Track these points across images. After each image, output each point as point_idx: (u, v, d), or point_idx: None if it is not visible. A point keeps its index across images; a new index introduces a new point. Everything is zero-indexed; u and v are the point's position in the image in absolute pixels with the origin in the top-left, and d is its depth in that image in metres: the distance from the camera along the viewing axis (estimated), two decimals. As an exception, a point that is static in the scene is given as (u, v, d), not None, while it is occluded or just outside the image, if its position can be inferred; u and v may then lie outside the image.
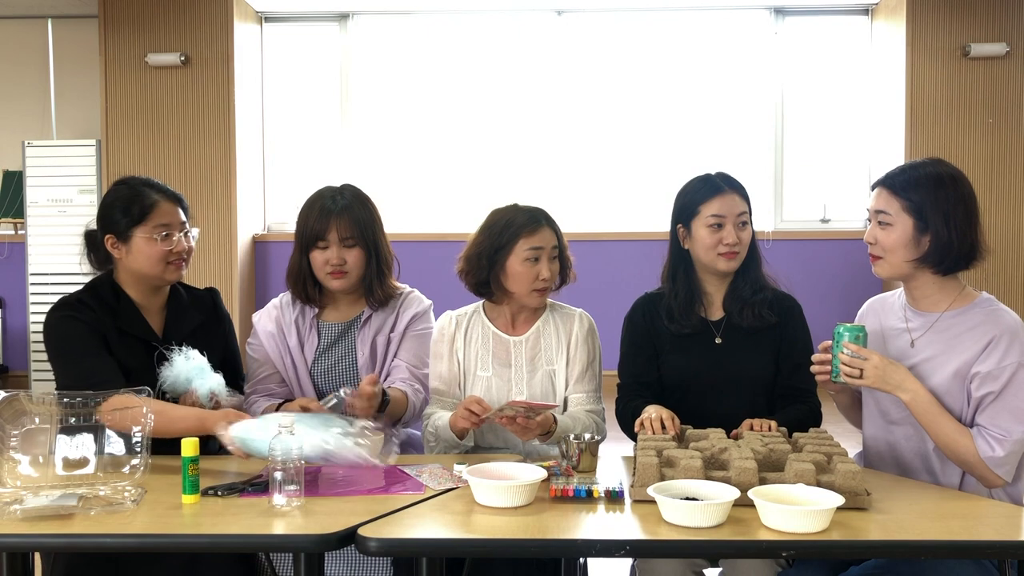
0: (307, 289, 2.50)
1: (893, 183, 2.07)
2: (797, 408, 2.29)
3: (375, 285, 2.48)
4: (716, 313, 2.40)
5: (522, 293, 2.37)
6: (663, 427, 2.12)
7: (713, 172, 2.42)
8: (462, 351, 2.43)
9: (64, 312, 2.28)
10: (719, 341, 2.37)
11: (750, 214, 2.40)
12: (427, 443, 2.39)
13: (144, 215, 2.30)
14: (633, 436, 2.19)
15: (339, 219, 2.43)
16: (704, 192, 2.37)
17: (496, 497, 1.78)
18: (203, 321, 2.45)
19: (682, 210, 2.39)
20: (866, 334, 2.03)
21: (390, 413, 2.35)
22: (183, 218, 2.37)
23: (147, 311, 2.38)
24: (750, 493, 1.70)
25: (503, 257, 2.36)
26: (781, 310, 2.38)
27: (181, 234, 2.34)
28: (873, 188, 2.14)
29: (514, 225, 2.36)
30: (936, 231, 2.00)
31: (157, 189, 2.36)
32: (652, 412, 2.17)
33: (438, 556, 1.75)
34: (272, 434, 1.83)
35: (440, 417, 2.34)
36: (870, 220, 2.12)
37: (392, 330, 2.52)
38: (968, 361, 1.99)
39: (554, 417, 2.24)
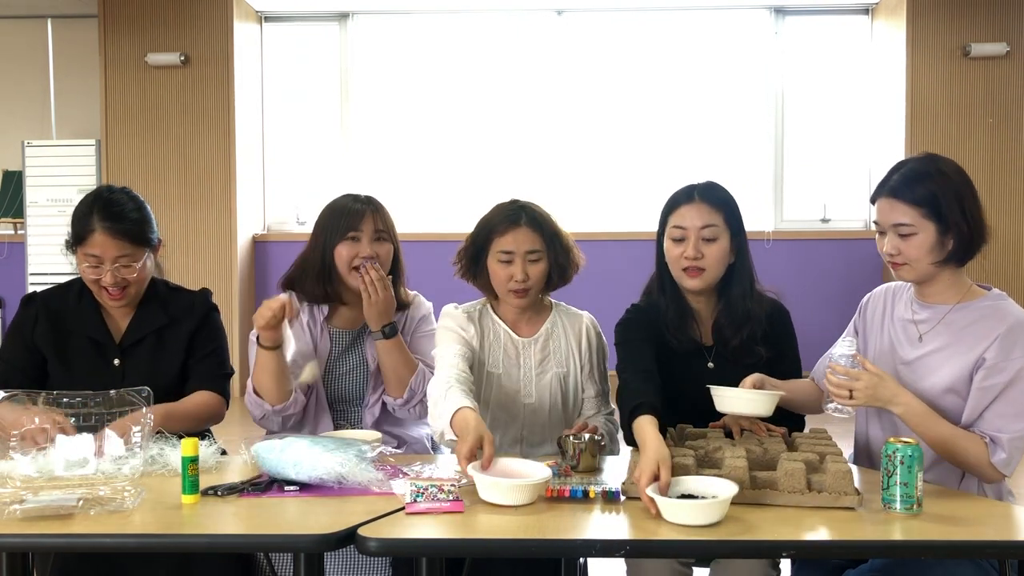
0: (327, 288, 2.45)
1: (899, 191, 2.01)
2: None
3: (398, 287, 2.49)
4: (708, 337, 2.31)
5: (500, 293, 2.35)
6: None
7: (701, 181, 2.29)
8: (476, 341, 2.35)
9: (18, 309, 2.41)
10: (711, 366, 2.28)
11: (730, 228, 2.23)
12: (429, 406, 2.19)
13: (79, 240, 2.29)
14: (628, 418, 2.08)
15: (373, 214, 2.44)
16: (672, 201, 2.28)
17: (501, 495, 1.78)
18: (168, 322, 2.40)
19: (660, 219, 2.31)
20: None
21: (396, 354, 2.39)
22: (122, 252, 2.27)
23: (110, 313, 2.39)
24: (648, 490, 1.71)
25: (483, 256, 2.35)
26: (771, 334, 2.28)
27: (114, 267, 2.27)
28: (874, 200, 2.07)
29: (490, 225, 2.34)
30: (958, 227, 1.98)
31: (106, 216, 2.26)
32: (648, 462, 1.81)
33: (438, 556, 1.75)
34: (290, 456, 1.89)
35: (456, 398, 2.05)
36: (883, 232, 2.06)
37: (401, 332, 2.49)
38: (978, 352, 1.98)
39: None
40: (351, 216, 2.43)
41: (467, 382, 2.17)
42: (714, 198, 2.24)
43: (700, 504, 1.67)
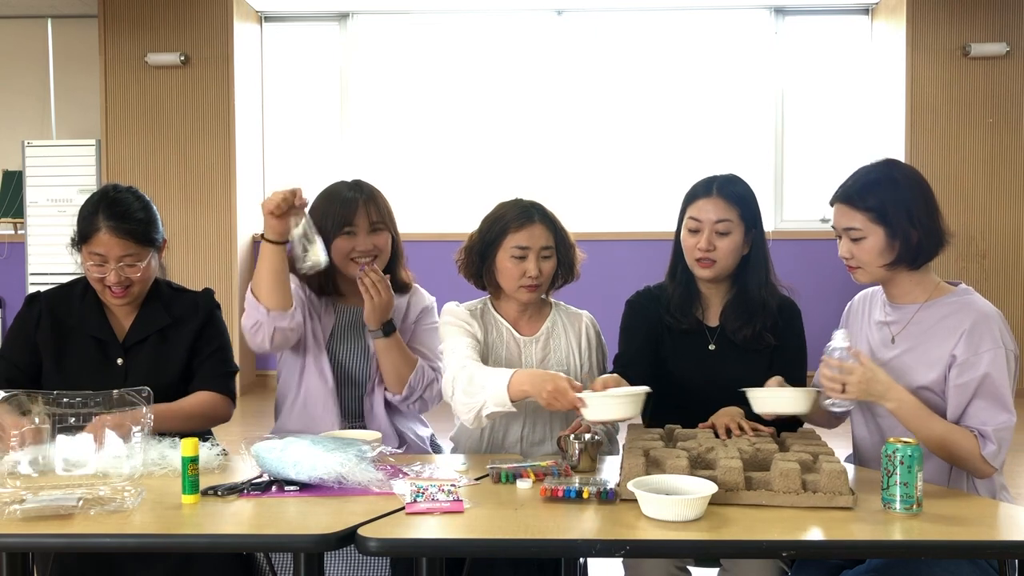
0: (323, 279, 2.45)
1: (851, 197, 2.08)
2: None
3: (398, 271, 2.50)
4: (713, 319, 2.36)
5: (510, 289, 2.35)
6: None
7: (720, 173, 2.36)
8: (480, 336, 2.36)
9: (22, 307, 2.41)
10: (712, 347, 2.33)
11: (745, 222, 2.30)
12: (454, 398, 2.19)
13: (84, 239, 2.29)
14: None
15: (367, 205, 2.42)
16: (692, 193, 2.34)
17: (616, 409, 1.96)
18: (171, 322, 2.39)
19: (680, 208, 2.38)
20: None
21: (395, 352, 2.39)
22: (127, 251, 2.26)
23: (113, 312, 2.39)
24: (630, 485, 1.72)
25: (493, 252, 2.34)
26: (779, 323, 2.32)
27: (119, 266, 2.26)
28: (832, 203, 2.14)
29: (503, 220, 2.34)
30: (904, 232, 2.03)
31: (112, 215, 2.26)
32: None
33: (438, 556, 1.75)
34: (290, 456, 1.89)
35: (495, 370, 2.12)
36: (840, 237, 2.13)
37: (403, 320, 2.52)
38: (946, 349, 2.01)
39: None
40: (345, 209, 2.41)
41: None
42: (731, 193, 2.31)
43: (675, 500, 1.67)
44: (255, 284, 2.34)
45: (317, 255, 2.27)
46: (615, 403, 1.97)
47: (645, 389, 2.00)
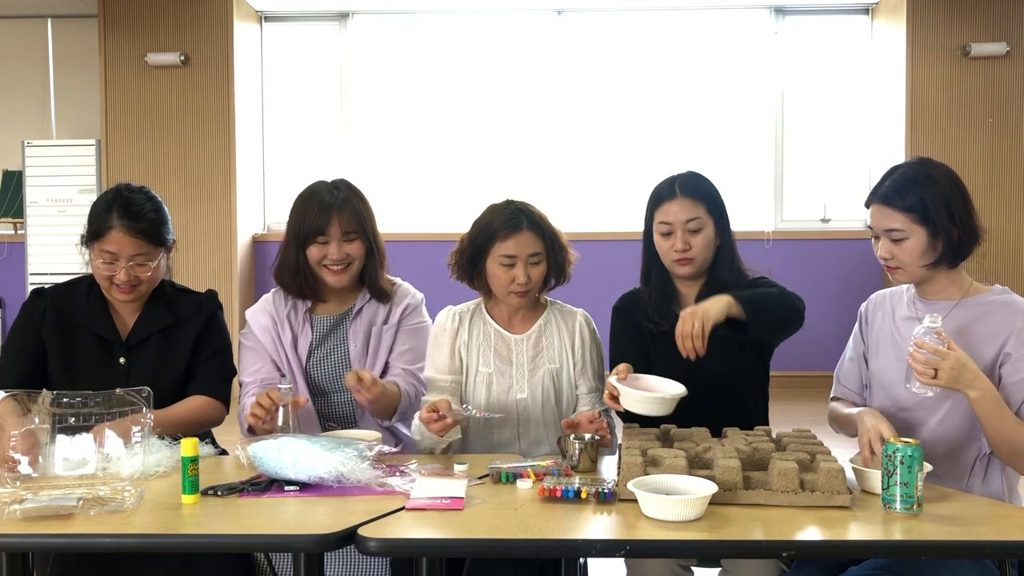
0: (305, 284, 2.49)
1: (890, 198, 2.07)
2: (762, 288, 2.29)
3: (376, 278, 2.50)
4: None
5: (501, 294, 2.38)
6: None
7: (680, 172, 2.39)
8: (464, 346, 2.41)
9: (26, 301, 2.42)
10: None
11: (713, 215, 2.34)
12: (413, 436, 2.33)
13: (96, 236, 2.29)
14: (632, 419, 2.17)
15: (340, 213, 2.43)
16: (656, 197, 2.38)
17: (648, 406, 2.02)
18: (175, 322, 2.40)
19: (646, 212, 2.41)
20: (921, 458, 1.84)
21: (381, 406, 2.36)
22: (139, 250, 2.29)
23: (117, 311, 2.40)
24: (630, 485, 1.72)
25: (482, 258, 2.36)
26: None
27: (129, 264, 2.28)
28: (868, 205, 2.13)
29: (491, 228, 2.35)
30: (946, 231, 2.03)
31: (125, 214, 2.28)
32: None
33: (438, 556, 1.76)
34: (287, 456, 1.89)
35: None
36: (877, 237, 2.11)
37: (385, 321, 2.52)
38: (995, 347, 2.01)
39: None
40: (318, 218, 2.42)
41: (450, 390, 2.37)
42: (695, 191, 2.35)
43: (676, 500, 1.68)
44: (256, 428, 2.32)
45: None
46: (645, 402, 2.04)
47: (679, 392, 2.06)
